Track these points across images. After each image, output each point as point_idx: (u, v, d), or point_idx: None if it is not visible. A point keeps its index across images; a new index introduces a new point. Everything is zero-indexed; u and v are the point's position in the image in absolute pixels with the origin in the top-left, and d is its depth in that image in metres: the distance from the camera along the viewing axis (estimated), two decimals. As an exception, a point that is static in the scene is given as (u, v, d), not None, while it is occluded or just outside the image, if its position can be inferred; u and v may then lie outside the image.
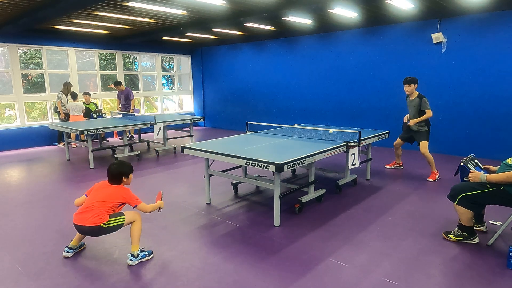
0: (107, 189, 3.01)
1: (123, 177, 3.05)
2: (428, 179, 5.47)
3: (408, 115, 5.72)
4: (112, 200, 2.95)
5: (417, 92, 5.51)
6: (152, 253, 3.13)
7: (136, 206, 3.01)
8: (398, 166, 6.21)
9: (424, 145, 5.43)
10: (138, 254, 3.02)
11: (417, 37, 7.43)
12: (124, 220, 2.98)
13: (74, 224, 2.95)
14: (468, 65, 6.89)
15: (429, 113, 5.38)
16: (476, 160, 3.37)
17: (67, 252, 3.14)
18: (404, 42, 7.64)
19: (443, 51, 7.13)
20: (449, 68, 7.13)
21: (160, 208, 3.19)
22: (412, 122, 5.48)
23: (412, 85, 5.45)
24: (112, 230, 2.95)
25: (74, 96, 8.52)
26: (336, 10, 6.50)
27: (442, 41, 7.09)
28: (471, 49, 6.83)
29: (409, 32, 7.55)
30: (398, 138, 5.92)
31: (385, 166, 6.28)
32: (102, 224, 2.87)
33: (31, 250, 3.28)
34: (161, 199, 3.25)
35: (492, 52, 6.59)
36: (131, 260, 2.99)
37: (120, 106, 9.34)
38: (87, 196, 3.08)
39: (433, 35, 7.10)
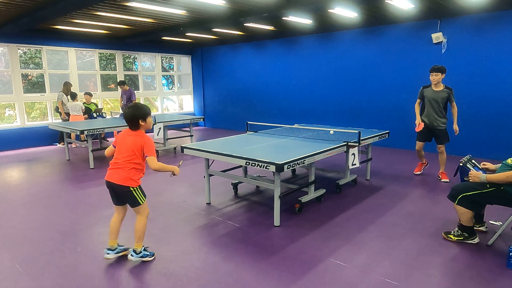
0: (128, 139, 2.87)
1: (140, 121, 2.87)
2: (442, 180, 5.35)
3: (419, 121, 5.32)
4: (136, 149, 2.83)
5: (443, 84, 5.20)
6: (154, 255, 3.10)
7: (147, 156, 2.82)
8: (425, 166, 5.86)
9: (443, 147, 5.33)
10: (140, 252, 3.01)
11: (417, 37, 7.43)
12: (144, 202, 2.95)
13: (105, 180, 2.92)
14: (468, 65, 6.89)
15: (455, 107, 5.21)
16: (473, 161, 3.38)
17: (107, 254, 3.02)
18: (404, 42, 7.64)
19: (443, 51, 7.13)
20: (449, 68, 7.08)
21: (173, 173, 2.98)
22: (456, 127, 5.24)
23: (440, 74, 5.09)
24: (134, 199, 2.89)
25: (73, 96, 8.52)
26: (336, 10, 6.50)
27: (442, 41, 7.09)
28: (471, 49, 6.83)
29: (409, 32, 7.55)
30: (418, 142, 5.47)
31: (414, 172, 5.80)
32: (131, 187, 2.85)
33: (31, 250, 3.28)
34: (179, 167, 3.03)
35: (492, 52, 6.59)
36: (132, 255, 2.99)
37: (121, 104, 9.35)
38: (114, 147, 2.98)
39: (433, 35, 7.10)
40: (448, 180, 5.30)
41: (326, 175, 5.72)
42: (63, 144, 8.37)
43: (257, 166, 3.51)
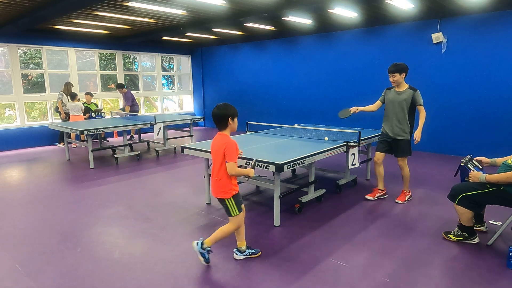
0: (216, 142, 2.84)
1: (229, 119, 2.80)
2: (396, 200, 4.49)
3: (353, 108, 4.56)
4: (221, 154, 2.76)
5: (407, 84, 4.34)
6: (259, 252, 3.13)
7: (227, 162, 2.75)
8: (382, 195, 4.63)
9: (405, 160, 4.43)
10: (245, 250, 3.07)
11: (417, 37, 7.43)
12: (237, 214, 2.88)
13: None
14: (468, 65, 6.89)
15: (424, 110, 4.28)
16: (474, 161, 3.38)
17: (236, 254, 3.08)
18: (404, 42, 7.64)
19: (443, 51, 7.13)
20: (449, 68, 7.13)
21: (248, 177, 2.91)
22: (419, 135, 4.22)
23: (398, 74, 4.23)
24: (227, 209, 2.88)
25: (73, 96, 8.52)
26: (336, 10, 6.50)
27: (442, 41, 7.09)
28: (471, 49, 6.82)
29: (409, 32, 7.55)
30: (377, 152, 4.49)
31: (366, 197, 4.61)
32: (226, 199, 2.85)
33: (31, 250, 3.28)
34: (253, 167, 2.95)
35: (492, 52, 6.59)
36: (236, 254, 3.07)
37: (121, 106, 9.37)
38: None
39: (433, 35, 7.10)
40: (402, 202, 4.45)
41: (326, 175, 5.72)
42: (63, 144, 8.38)
43: (257, 166, 3.51)
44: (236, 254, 3.09)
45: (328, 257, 3.09)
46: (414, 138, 4.27)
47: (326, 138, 4.70)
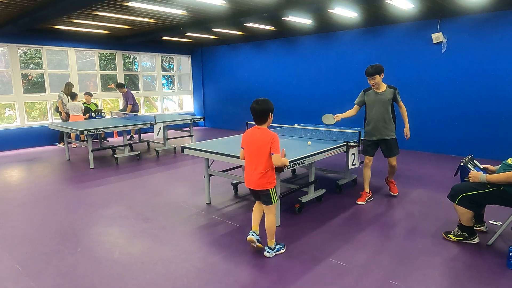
0: (257, 138, 2.93)
1: (270, 114, 2.95)
2: (391, 192, 4.68)
3: (339, 115, 4.54)
4: (266, 147, 2.88)
5: (385, 84, 4.35)
6: (284, 246, 3.22)
7: (273, 153, 2.87)
8: (370, 198, 4.57)
9: (395, 159, 4.51)
10: (275, 247, 3.12)
11: (417, 37, 7.43)
12: (276, 201, 3.06)
13: (248, 187, 3.07)
14: (468, 65, 6.88)
15: (403, 106, 4.39)
16: (475, 161, 3.38)
17: (252, 235, 3.14)
18: (404, 42, 7.64)
19: (443, 51, 7.13)
20: (449, 68, 7.13)
21: (285, 166, 3.12)
22: (408, 131, 4.46)
23: (378, 76, 4.19)
24: (269, 199, 3.01)
25: (73, 96, 8.52)
26: (336, 10, 6.50)
27: (442, 41, 7.09)
28: (471, 49, 6.82)
29: (409, 32, 7.55)
30: (366, 156, 4.52)
31: (357, 202, 4.47)
32: (270, 190, 2.98)
33: (31, 250, 3.28)
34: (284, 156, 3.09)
35: (492, 52, 6.59)
36: (268, 252, 3.10)
37: (121, 106, 9.36)
38: (242, 148, 3.09)
39: (433, 35, 7.10)
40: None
41: (326, 175, 5.72)
42: (63, 144, 8.38)
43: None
44: (267, 252, 3.11)
45: (328, 257, 3.09)
46: (405, 135, 4.45)
47: (309, 143, 4.42)
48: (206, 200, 4.55)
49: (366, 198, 4.50)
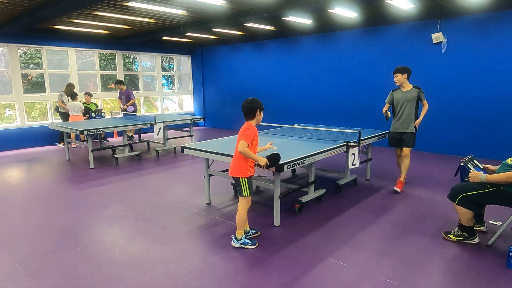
0: (242, 128, 3.15)
1: (258, 111, 3.19)
2: (395, 188, 4.89)
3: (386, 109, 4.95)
4: (241, 136, 3.09)
5: (410, 84, 4.88)
6: (256, 244, 3.30)
7: (241, 140, 3.06)
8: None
9: (409, 151, 4.90)
10: (241, 239, 3.27)
11: (417, 37, 7.43)
12: (248, 195, 3.18)
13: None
14: (468, 65, 6.89)
15: (427, 104, 4.85)
16: (475, 161, 3.38)
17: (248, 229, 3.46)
18: (404, 42, 7.64)
19: (443, 51, 7.13)
20: (449, 68, 7.13)
21: (260, 165, 3.20)
22: (418, 122, 4.87)
23: (400, 74, 4.78)
24: (240, 189, 3.17)
25: (73, 96, 8.53)
26: (336, 10, 6.50)
27: (442, 41, 7.09)
28: (471, 49, 6.82)
29: (409, 32, 7.55)
30: (397, 148, 5.09)
31: (395, 189, 4.91)
32: (240, 178, 3.15)
33: (31, 250, 3.28)
34: (272, 163, 3.21)
35: (492, 52, 6.59)
36: (233, 242, 3.28)
37: (121, 106, 9.34)
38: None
39: (433, 35, 7.10)
40: (399, 191, 4.82)
41: (326, 175, 5.72)
42: (63, 144, 8.38)
43: (257, 166, 3.50)
44: (233, 241, 3.29)
45: (328, 257, 3.09)
46: (414, 125, 4.90)
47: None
48: (206, 200, 4.55)
49: (403, 185, 5.01)
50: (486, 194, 3.09)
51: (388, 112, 4.94)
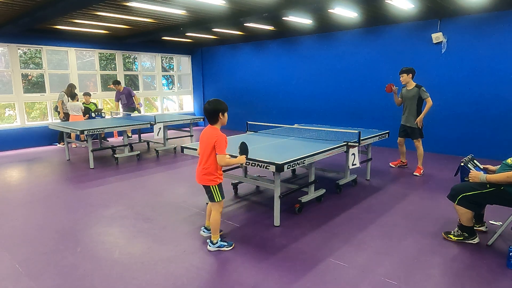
0: (206, 134, 3.09)
1: (220, 114, 3.07)
2: (414, 173, 5.72)
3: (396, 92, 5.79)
4: (210, 145, 3.01)
5: (414, 83, 5.57)
6: (232, 245, 3.28)
7: (217, 154, 3.00)
8: (403, 165, 6.20)
9: (418, 142, 5.70)
10: (217, 242, 3.22)
11: (417, 37, 7.43)
12: (220, 200, 3.16)
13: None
14: (468, 65, 6.89)
15: (430, 101, 5.41)
16: (475, 161, 3.38)
17: (203, 231, 3.49)
18: (404, 42, 7.64)
19: (443, 51, 7.13)
20: (449, 68, 7.13)
21: (242, 164, 3.22)
22: (420, 121, 5.52)
23: (405, 74, 5.51)
24: (212, 196, 3.16)
25: (73, 96, 8.53)
26: (336, 10, 6.50)
27: (442, 41, 7.09)
28: (471, 49, 6.83)
29: (409, 32, 7.55)
30: (399, 137, 6.00)
31: (390, 164, 6.28)
32: (211, 186, 3.12)
33: (31, 250, 3.28)
34: (244, 153, 3.18)
35: (492, 52, 6.59)
36: (209, 245, 3.23)
37: (121, 106, 9.34)
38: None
39: (433, 35, 7.10)
40: (419, 175, 5.68)
41: (326, 175, 5.72)
42: (63, 144, 8.38)
43: (257, 166, 3.51)
44: (209, 246, 3.24)
45: (328, 257, 3.09)
46: (415, 122, 5.58)
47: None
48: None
49: (397, 164, 6.19)
50: (486, 194, 3.09)
51: (394, 88, 5.76)
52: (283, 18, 7.15)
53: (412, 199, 4.60)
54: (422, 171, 5.72)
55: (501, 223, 3.51)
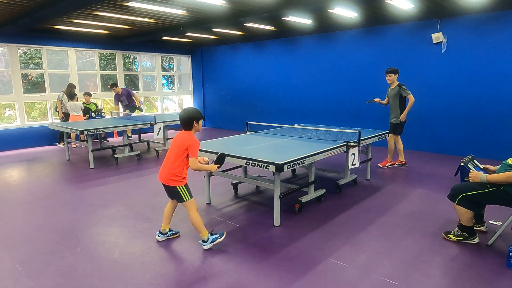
0: (180, 138, 3.16)
1: (194, 122, 3.15)
2: (378, 164, 6.23)
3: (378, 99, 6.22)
4: (183, 148, 3.08)
5: (397, 82, 5.93)
6: (224, 233, 3.33)
7: (190, 157, 3.07)
8: (402, 165, 6.31)
9: (397, 138, 6.10)
10: (208, 239, 3.23)
11: (417, 37, 7.43)
12: (189, 199, 3.20)
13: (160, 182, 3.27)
14: (468, 65, 6.89)
15: (412, 98, 5.74)
16: (475, 161, 3.38)
17: (158, 236, 3.43)
18: (404, 42, 7.64)
19: (443, 51, 7.13)
20: (449, 68, 7.13)
21: (211, 173, 3.22)
22: (403, 117, 5.87)
23: (393, 74, 5.88)
24: (180, 197, 3.20)
25: (72, 96, 8.53)
26: (336, 10, 6.50)
27: (442, 41, 7.09)
28: (471, 49, 6.82)
29: (409, 32, 7.55)
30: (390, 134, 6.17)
31: (379, 165, 6.33)
32: (178, 187, 3.16)
33: (31, 250, 3.28)
34: (219, 162, 3.30)
35: (492, 52, 6.59)
36: (203, 245, 3.22)
37: (123, 106, 9.33)
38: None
39: (433, 35, 7.10)
40: (382, 166, 6.21)
41: (326, 175, 5.72)
42: (63, 144, 8.38)
43: (257, 166, 3.51)
44: (203, 245, 3.24)
45: (328, 257, 3.09)
46: (398, 119, 5.92)
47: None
48: (206, 200, 4.54)
49: (387, 165, 6.29)
50: (486, 194, 3.09)
51: (375, 99, 6.28)
52: (283, 18, 7.14)
53: (412, 199, 4.60)
54: (387, 164, 6.19)
55: (501, 223, 3.51)
